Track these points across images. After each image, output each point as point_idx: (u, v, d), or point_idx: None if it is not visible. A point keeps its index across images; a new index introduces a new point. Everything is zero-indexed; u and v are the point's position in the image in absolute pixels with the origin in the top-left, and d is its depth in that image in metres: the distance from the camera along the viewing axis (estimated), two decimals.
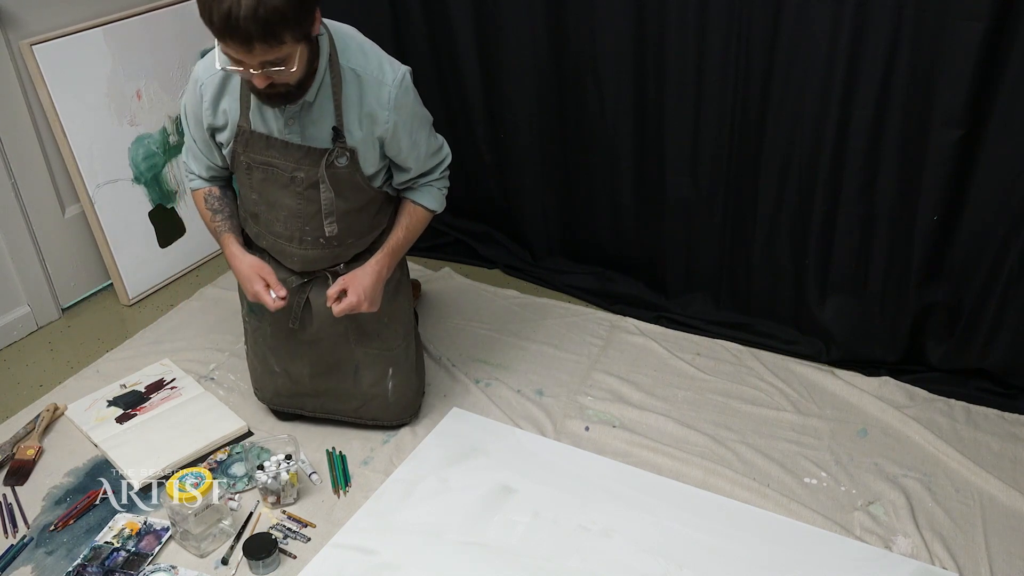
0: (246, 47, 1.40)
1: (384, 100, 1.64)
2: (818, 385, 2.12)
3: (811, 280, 2.19)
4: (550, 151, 2.45)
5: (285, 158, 1.66)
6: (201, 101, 1.68)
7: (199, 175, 1.84)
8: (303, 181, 1.68)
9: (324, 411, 1.96)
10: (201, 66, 1.69)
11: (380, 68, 1.65)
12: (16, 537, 1.73)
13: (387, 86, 1.64)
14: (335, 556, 1.67)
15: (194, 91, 1.69)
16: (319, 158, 1.65)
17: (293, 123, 1.64)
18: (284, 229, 1.75)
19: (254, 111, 1.65)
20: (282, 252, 1.79)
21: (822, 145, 1.99)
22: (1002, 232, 1.89)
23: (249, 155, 1.68)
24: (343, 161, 1.66)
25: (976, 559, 1.65)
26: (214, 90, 1.66)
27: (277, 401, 1.98)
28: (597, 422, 2.02)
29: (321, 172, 1.65)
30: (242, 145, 1.68)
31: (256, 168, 1.69)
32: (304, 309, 1.83)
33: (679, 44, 2.07)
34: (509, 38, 2.32)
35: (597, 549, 1.68)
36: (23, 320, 2.39)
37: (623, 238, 2.46)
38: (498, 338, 2.32)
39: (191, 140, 1.79)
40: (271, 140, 1.66)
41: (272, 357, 1.90)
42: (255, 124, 1.66)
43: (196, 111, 1.72)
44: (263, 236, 1.80)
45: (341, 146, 1.65)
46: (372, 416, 1.96)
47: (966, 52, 1.73)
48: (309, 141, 1.65)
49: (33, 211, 2.35)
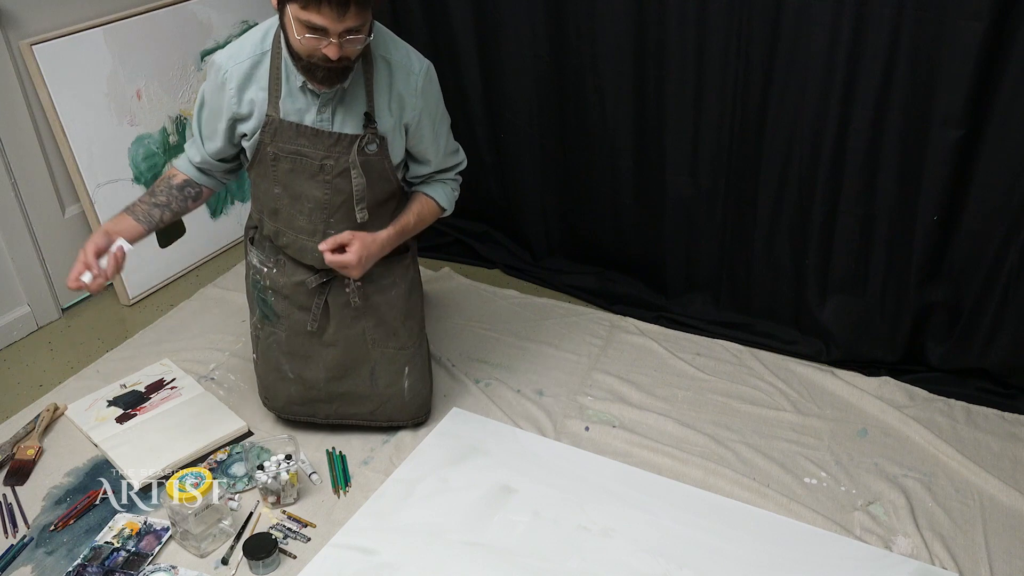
0: (341, 11, 1.45)
1: (412, 87, 1.69)
2: (818, 385, 2.12)
3: (811, 280, 2.19)
4: (550, 151, 2.45)
5: (315, 146, 1.67)
6: (223, 89, 1.67)
7: (189, 159, 1.82)
8: (331, 169, 1.68)
9: (338, 416, 1.94)
10: (224, 54, 1.69)
11: (408, 57, 1.70)
12: (16, 537, 1.73)
13: (415, 74, 1.69)
14: (335, 556, 1.67)
15: (216, 79, 1.69)
16: (350, 144, 1.67)
17: (326, 110, 1.66)
18: (307, 223, 1.75)
19: (285, 100, 1.65)
20: (303, 248, 1.78)
21: (822, 145, 1.99)
22: (1002, 232, 1.89)
23: (277, 144, 1.68)
24: (373, 148, 1.68)
25: (976, 559, 1.65)
26: (240, 79, 1.66)
27: (290, 410, 1.95)
28: (597, 422, 2.02)
29: (353, 157, 1.67)
30: (270, 134, 1.68)
31: (284, 158, 1.69)
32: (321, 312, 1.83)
33: (679, 44, 2.07)
34: (509, 38, 2.32)
35: (597, 549, 1.68)
36: (23, 320, 2.39)
37: (623, 238, 2.46)
38: (498, 338, 2.32)
39: (197, 126, 1.79)
40: (301, 128, 1.66)
41: (286, 363, 1.89)
42: (285, 113, 1.66)
43: (215, 100, 1.70)
44: (283, 233, 1.79)
45: (372, 132, 1.67)
46: (388, 417, 1.95)
47: (966, 52, 1.74)
48: (340, 128, 1.67)
49: (33, 211, 2.35)
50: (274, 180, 1.73)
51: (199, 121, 1.78)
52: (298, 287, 1.81)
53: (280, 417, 1.99)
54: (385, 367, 1.89)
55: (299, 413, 1.95)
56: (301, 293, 1.81)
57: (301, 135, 1.67)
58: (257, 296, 1.87)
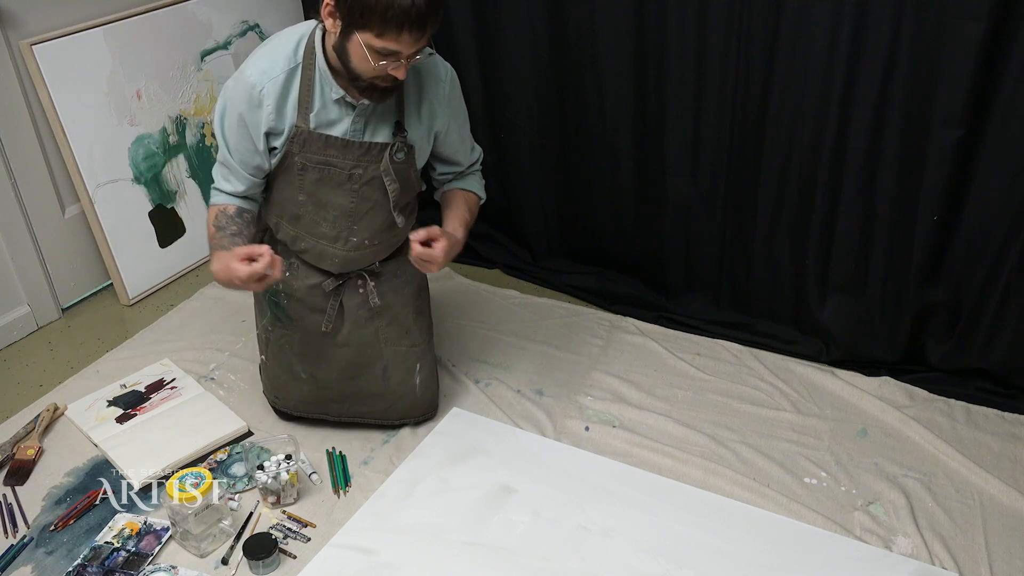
0: (419, 34, 1.46)
1: (442, 95, 1.72)
2: (818, 385, 2.12)
3: (811, 280, 2.19)
4: (550, 151, 2.45)
5: (344, 156, 1.67)
6: (260, 107, 1.62)
7: (232, 192, 1.73)
8: (360, 178, 1.69)
9: (350, 415, 1.95)
10: (255, 71, 1.62)
11: (435, 63, 1.71)
12: (16, 537, 1.73)
13: (443, 82, 1.71)
14: (335, 556, 1.67)
15: (250, 98, 1.62)
16: (379, 153, 1.67)
17: (360, 121, 1.66)
18: (330, 229, 1.75)
19: (318, 112, 1.64)
20: (322, 254, 1.78)
21: (822, 145, 1.99)
22: (1002, 232, 1.89)
23: (305, 155, 1.67)
24: (401, 156, 1.69)
25: (976, 559, 1.65)
26: (277, 93, 1.62)
27: (301, 408, 1.96)
28: (597, 422, 2.02)
29: (385, 165, 1.68)
30: (299, 145, 1.66)
31: (312, 168, 1.68)
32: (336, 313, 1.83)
33: (679, 44, 2.07)
34: (509, 38, 2.32)
35: (597, 549, 1.68)
36: (23, 320, 2.39)
37: (623, 238, 2.46)
38: (498, 338, 2.32)
39: (227, 154, 1.69)
40: (330, 139, 1.66)
41: (299, 364, 1.88)
42: (317, 125, 1.65)
43: (254, 119, 1.64)
44: (302, 238, 1.78)
45: (401, 140, 1.68)
46: (400, 415, 1.96)
47: (966, 52, 1.73)
48: (371, 137, 1.68)
49: (33, 211, 2.35)
50: (299, 188, 1.72)
51: (229, 146, 1.68)
52: (313, 290, 1.81)
53: (290, 415, 1.99)
54: (397, 365, 1.90)
55: (311, 412, 1.96)
56: (316, 295, 1.81)
57: (330, 146, 1.66)
58: (268, 299, 1.86)
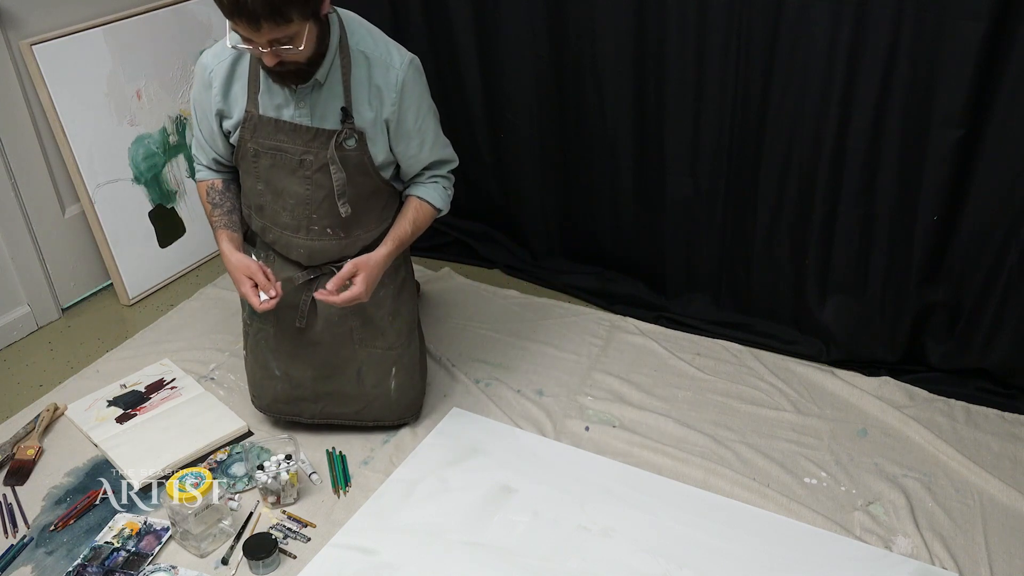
0: (254, 25, 1.44)
1: (392, 82, 1.68)
2: (818, 385, 2.12)
3: (811, 280, 2.19)
4: (550, 151, 2.45)
5: (294, 141, 1.68)
6: (210, 88, 1.70)
7: (206, 165, 1.85)
8: (312, 164, 1.69)
9: (323, 416, 1.94)
10: (209, 54, 1.71)
11: (388, 52, 1.69)
12: (16, 537, 1.73)
13: (395, 69, 1.68)
14: (335, 556, 1.67)
15: (202, 78, 1.71)
16: (328, 139, 1.67)
17: (303, 105, 1.66)
18: (291, 219, 1.76)
19: (263, 95, 1.66)
20: (288, 245, 1.79)
21: (822, 145, 1.99)
22: (1002, 232, 1.89)
23: (257, 140, 1.69)
24: (351, 143, 1.68)
25: (976, 559, 1.65)
26: (224, 75, 1.68)
27: (275, 408, 1.95)
28: (597, 422, 2.02)
29: (331, 152, 1.67)
30: (250, 130, 1.69)
31: (264, 154, 1.70)
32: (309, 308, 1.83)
33: (679, 44, 2.07)
34: (509, 38, 2.32)
35: (597, 549, 1.68)
36: (23, 320, 2.39)
37: (623, 238, 2.46)
38: (498, 338, 2.32)
39: (198, 130, 1.81)
40: (280, 123, 1.67)
41: (274, 360, 1.89)
42: (264, 108, 1.68)
43: (204, 99, 1.72)
44: (268, 229, 1.80)
45: (350, 127, 1.67)
46: (374, 417, 1.95)
47: (966, 52, 1.73)
48: (318, 123, 1.67)
49: (33, 211, 2.35)
50: (256, 176, 1.74)
51: (197, 124, 1.80)
52: (286, 284, 1.81)
53: (266, 416, 1.99)
54: (372, 367, 1.89)
55: (285, 412, 1.95)
56: (289, 290, 1.81)
57: (280, 130, 1.68)
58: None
